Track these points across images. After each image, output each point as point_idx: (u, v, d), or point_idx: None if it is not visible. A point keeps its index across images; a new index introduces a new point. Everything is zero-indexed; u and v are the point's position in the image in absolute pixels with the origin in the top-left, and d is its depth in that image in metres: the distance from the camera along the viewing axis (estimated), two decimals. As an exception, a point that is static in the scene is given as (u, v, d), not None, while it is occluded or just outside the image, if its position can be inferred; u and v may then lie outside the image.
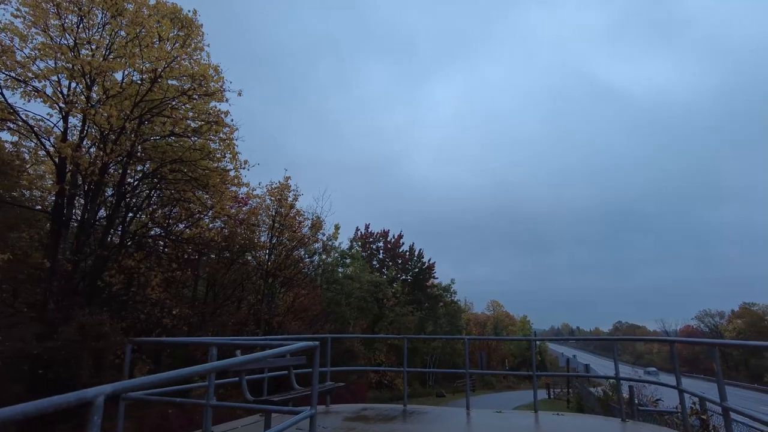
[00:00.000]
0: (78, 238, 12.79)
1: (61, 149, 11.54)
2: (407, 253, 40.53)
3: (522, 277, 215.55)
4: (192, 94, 13.73)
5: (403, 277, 39.28)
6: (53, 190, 12.45)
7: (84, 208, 13.10)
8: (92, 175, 12.05)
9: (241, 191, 17.33)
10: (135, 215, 15.20)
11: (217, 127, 14.50)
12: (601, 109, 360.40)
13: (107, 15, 13.08)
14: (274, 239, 20.01)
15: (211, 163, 14.80)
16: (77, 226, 13.23)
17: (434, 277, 42.30)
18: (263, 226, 20.32)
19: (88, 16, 12.90)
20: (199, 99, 14.17)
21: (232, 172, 15.48)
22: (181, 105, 14.06)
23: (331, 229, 25.42)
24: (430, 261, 41.22)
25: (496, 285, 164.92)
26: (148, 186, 15.31)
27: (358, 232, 38.94)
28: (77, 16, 12.76)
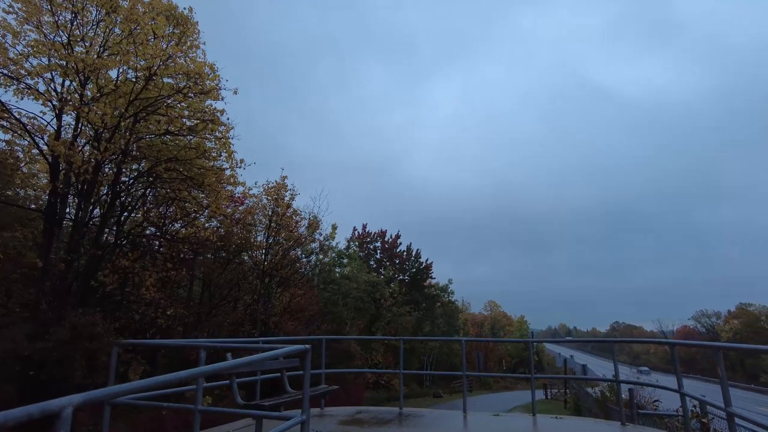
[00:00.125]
0: (72, 237, 12.65)
1: (54, 147, 11.40)
2: (405, 253, 40.44)
3: (519, 277, 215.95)
4: (187, 92, 13.60)
5: (401, 277, 39.18)
6: (47, 189, 12.32)
7: (78, 207, 12.96)
8: (85, 173, 11.91)
9: (237, 190, 17.21)
10: (129, 214, 15.05)
11: (212, 126, 14.37)
12: (600, 109, 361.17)
13: (102, 12, 12.95)
14: (271, 239, 19.89)
15: (207, 162, 14.67)
16: (71, 225, 13.09)
17: (432, 277, 42.24)
18: (260, 226, 20.21)
19: (82, 12, 12.76)
20: (194, 97, 14.04)
21: (228, 171, 15.36)
22: (177, 103, 13.94)
23: (329, 229, 25.29)
24: (428, 261, 41.19)
25: (493, 285, 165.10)
26: (143, 185, 15.18)
27: (356, 232, 38.83)
28: (71, 13, 12.61)
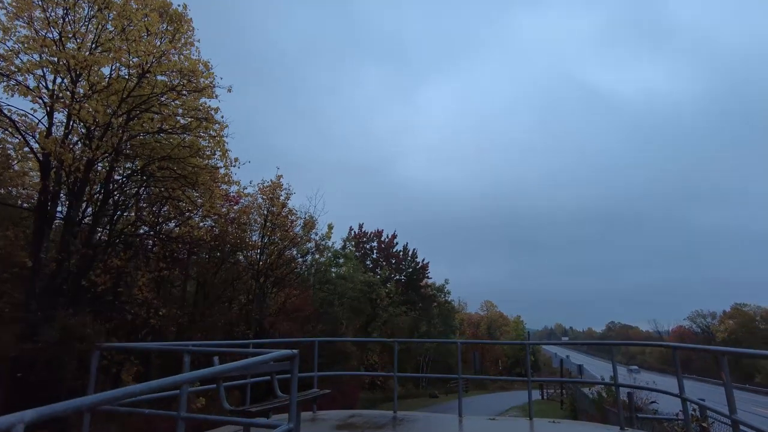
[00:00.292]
0: (62, 236, 12.48)
1: (45, 145, 11.22)
2: (401, 253, 40.33)
3: (516, 277, 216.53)
4: (181, 89, 13.44)
5: (397, 277, 39.07)
6: (39, 188, 12.13)
7: (69, 205, 12.78)
8: (76, 171, 11.73)
9: (231, 189, 17.04)
10: (122, 213, 14.87)
11: (207, 124, 14.22)
12: (594, 111, 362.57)
13: (94, 8, 12.76)
14: (266, 238, 19.73)
15: (201, 161, 14.51)
16: (62, 224, 12.92)
17: (428, 277, 42.17)
18: (255, 226, 20.05)
19: (74, 8, 12.58)
20: (188, 95, 13.87)
21: (222, 170, 15.21)
22: (171, 101, 13.77)
23: (325, 228, 25.14)
24: (424, 261, 41.09)
25: (489, 285, 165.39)
26: (137, 183, 15.00)
27: (352, 232, 38.68)
28: (63, 9, 12.43)
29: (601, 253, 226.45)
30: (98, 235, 14.45)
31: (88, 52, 12.35)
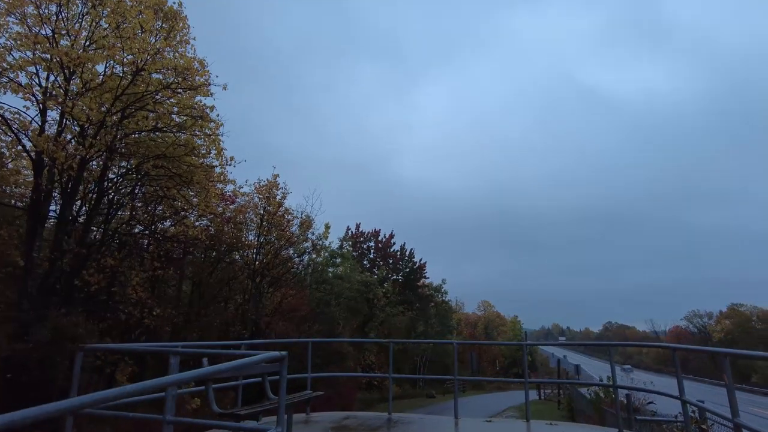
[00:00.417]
0: (56, 235, 12.34)
1: (37, 143, 11.08)
2: (398, 253, 40.22)
3: (513, 277, 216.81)
4: (176, 87, 13.31)
5: (394, 277, 38.98)
6: (31, 186, 12.00)
7: (62, 204, 12.64)
8: (69, 170, 11.59)
9: (227, 189, 16.91)
10: (116, 212, 14.73)
11: (202, 122, 14.09)
12: (593, 111, 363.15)
13: (88, 4, 12.63)
14: (262, 238, 19.61)
15: (196, 160, 14.39)
16: (56, 223, 12.78)
17: (425, 277, 42.07)
18: (251, 225, 19.93)
19: (67, 5, 12.45)
20: (183, 93, 13.75)
21: (217, 168, 15.08)
22: (165, 99, 13.64)
23: (321, 228, 25.04)
24: (422, 261, 40.99)
25: (486, 285, 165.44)
26: (131, 182, 14.87)
27: (349, 232, 38.57)
28: (56, 5, 12.29)
29: (599, 253, 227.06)
30: (93, 234, 14.32)
31: (81, 50, 12.22)
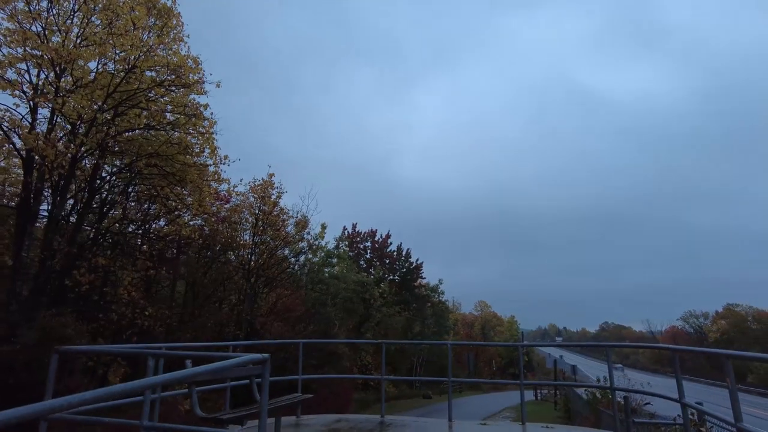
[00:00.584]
0: (46, 234, 12.16)
1: (26, 140, 10.90)
2: (395, 253, 40.11)
3: (509, 277, 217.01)
4: (169, 85, 13.14)
5: (391, 277, 38.85)
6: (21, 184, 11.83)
7: (53, 202, 12.46)
8: (60, 168, 11.40)
9: (221, 188, 16.75)
10: (109, 211, 14.54)
11: (196, 121, 13.93)
12: (591, 112, 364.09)
13: (79, 0, 12.46)
14: (257, 238, 19.45)
15: (189, 158, 14.22)
16: (46, 222, 12.60)
17: (422, 278, 41.96)
18: (246, 225, 19.77)
19: (58, 1, 12.28)
20: (176, 91, 13.58)
21: (211, 167, 14.92)
22: (159, 97, 13.47)
23: (318, 228, 24.86)
24: (418, 261, 40.89)
25: (484, 285, 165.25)
26: (124, 181, 14.69)
27: (346, 232, 38.41)
28: (47, 1, 12.12)
29: (596, 253, 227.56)
30: (86, 233, 14.14)
31: (72, 46, 12.05)
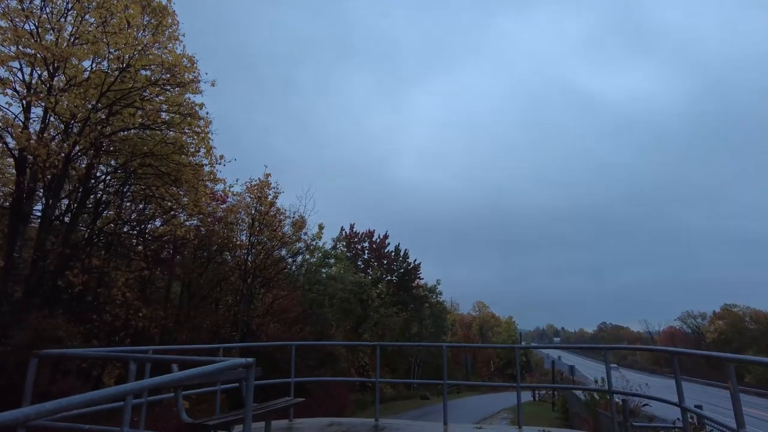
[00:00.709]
0: (38, 234, 12.03)
1: (18, 139, 10.79)
2: (393, 254, 40.02)
3: (508, 278, 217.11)
4: (163, 84, 13.03)
5: (388, 277, 38.75)
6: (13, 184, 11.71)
7: (46, 202, 12.34)
8: (52, 167, 11.28)
9: (217, 188, 16.62)
10: (102, 211, 14.42)
11: (191, 120, 13.82)
12: (586, 113, 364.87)
13: (73, -2, 12.33)
14: (254, 238, 19.33)
15: (185, 158, 14.10)
16: (39, 222, 12.47)
17: (420, 278, 41.89)
18: (242, 225, 19.65)
19: (52, 0, 12.16)
20: (171, 90, 13.48)
21: (206, 167, 14.80)
22: (154, 97, 13.36)
23: (315, 228, 24.76)
24: (416, 261, 40.80)
25: (482, 286, 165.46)
26: (118, 181, 14.56)
27: (343, 232, 38.31)
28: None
29: (594, 253, 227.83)
30: (79, 233, 14.01)
31: (65, 44, 11.93)
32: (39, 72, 11.99)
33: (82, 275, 12.08)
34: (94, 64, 12.95)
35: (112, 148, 13.68)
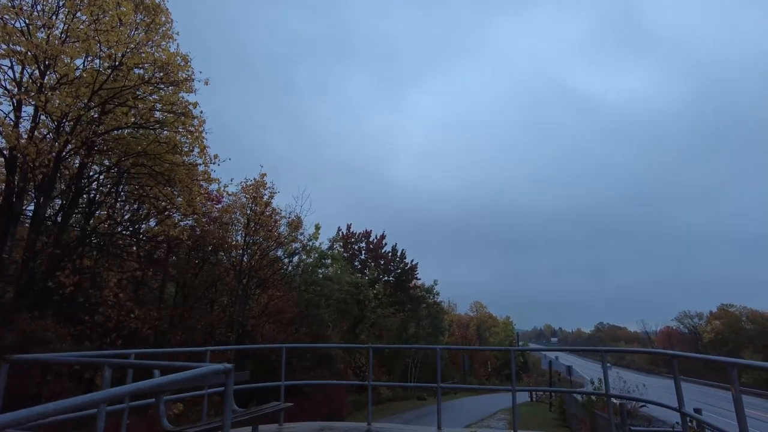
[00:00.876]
0: (29, 235, 11.87)
1: (8, 138, 10.62)
2: (390, 254, 39.86)
3: (505, 278, 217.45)
4: (157, 82, 12.88)
5: (385, 278, 38.61)
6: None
7: (36, 202, 12.18)
8: (42, 166, 11.12)
9: (211, 188, 16.47)
10: (95, 211, 14.25)
11: (185, 119, 13.67)
12: (581, 114, 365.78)
13: (65, -5, 12.17)
14: (249, 238, 19.19)
15: (178, 158, 13.95)
16: (30, 222, 12.31)
17: (417, 278, 41.74)
18: (237, 225, 19.51)
19: (43, -3, 12.00)
20: (165, 89, 13.33)
21: (201, 167, 14.65)
22: (147, 95, 13.21)
23: (311, 228, 24.65)
24: (413, 262, 40.66)
25: (479, 286, 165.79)
26: (111, 180, 14.40)
27: (340, 233, 38.15)
28: (31, -3, 11.83)
29: (591, 254, 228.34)
30: (71, 233, 13.84)
31: (57, 42, 11.77)
32: (30, 70, 11.84)
33: (74, 276, 11.91)
34: (86, 62, 12.80)
35: (104, 148, 13.52)
